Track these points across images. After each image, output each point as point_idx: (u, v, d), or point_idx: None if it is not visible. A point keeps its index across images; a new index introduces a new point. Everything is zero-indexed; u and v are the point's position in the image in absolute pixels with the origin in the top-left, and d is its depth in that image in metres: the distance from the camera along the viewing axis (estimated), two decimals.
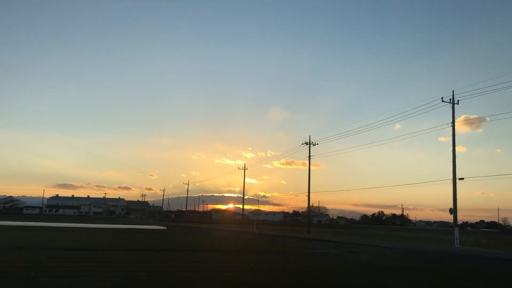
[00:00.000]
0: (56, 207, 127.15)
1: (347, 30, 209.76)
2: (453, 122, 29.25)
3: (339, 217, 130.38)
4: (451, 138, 29.17)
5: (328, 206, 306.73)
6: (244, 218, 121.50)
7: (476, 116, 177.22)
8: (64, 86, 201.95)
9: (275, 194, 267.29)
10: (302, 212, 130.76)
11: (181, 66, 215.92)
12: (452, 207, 28.80)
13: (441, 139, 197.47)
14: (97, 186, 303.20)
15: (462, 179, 27.96)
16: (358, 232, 52.65)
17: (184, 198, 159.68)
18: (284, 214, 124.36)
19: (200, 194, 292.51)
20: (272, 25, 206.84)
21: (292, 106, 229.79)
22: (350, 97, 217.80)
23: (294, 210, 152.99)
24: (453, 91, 29.39)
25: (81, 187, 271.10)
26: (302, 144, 48.81)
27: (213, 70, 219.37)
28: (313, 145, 48.06)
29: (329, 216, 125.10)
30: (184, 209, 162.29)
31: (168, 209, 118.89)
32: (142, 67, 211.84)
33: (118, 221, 70.36)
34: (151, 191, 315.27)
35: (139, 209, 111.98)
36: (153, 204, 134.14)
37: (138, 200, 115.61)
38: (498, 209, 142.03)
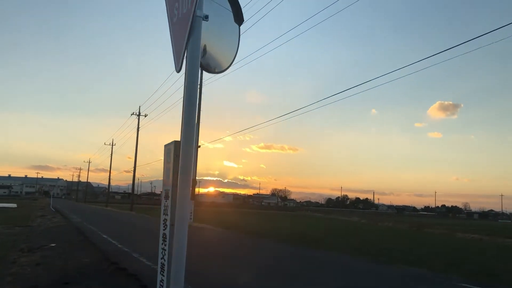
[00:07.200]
0: None
1: None
2: (200, 84, 26.65)
3: (289, 199, 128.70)
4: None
5: (307, 190, 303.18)
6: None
7: (450, 102, 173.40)
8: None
9: (254, 177, 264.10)
10: (254, 195, 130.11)
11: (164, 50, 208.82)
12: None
13: (417, 124, 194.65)
14: (74, 168, 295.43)
15: (199, 146, 27.14)
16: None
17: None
18: (235, 196, 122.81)
19: None
20: (245, 11, 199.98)
21: (268, 90, 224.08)
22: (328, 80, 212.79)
23: (256, 194, 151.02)
24: None
25: (58, 168, 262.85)
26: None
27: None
28: None
29: (279, 199, 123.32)
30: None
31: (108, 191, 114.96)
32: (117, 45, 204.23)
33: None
34: (130, 173, 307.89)
35: (78, 190, 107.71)
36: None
37: (79, 180, 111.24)
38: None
